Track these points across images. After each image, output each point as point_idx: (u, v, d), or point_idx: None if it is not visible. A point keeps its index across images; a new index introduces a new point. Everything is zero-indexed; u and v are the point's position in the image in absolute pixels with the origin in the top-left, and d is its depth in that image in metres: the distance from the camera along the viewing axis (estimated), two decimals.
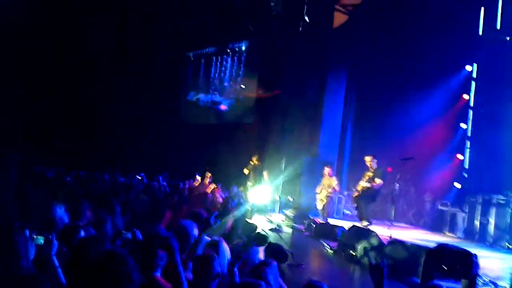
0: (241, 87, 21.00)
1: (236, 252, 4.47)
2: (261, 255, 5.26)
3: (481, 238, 12.67)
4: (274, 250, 6.16)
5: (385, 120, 16.38)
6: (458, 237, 13.43)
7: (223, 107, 21.84)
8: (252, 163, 15.65)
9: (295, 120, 17.20)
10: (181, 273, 3.25)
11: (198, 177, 15.37)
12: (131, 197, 9.85)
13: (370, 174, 10.82)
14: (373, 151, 12.45)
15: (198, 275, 3.90)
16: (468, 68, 16.46)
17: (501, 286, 7.21)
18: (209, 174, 15.43)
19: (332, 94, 17.45)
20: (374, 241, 8.53)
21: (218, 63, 22.30)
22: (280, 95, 17.72)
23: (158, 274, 4.08)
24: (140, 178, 13.65)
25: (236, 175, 16.07)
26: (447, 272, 5.25)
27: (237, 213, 9.58)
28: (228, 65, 21.76)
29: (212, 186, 13.66)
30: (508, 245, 11.71)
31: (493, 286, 6.88)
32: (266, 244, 6.55)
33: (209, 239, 5.35)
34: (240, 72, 21.26)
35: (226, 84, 21.98)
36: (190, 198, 10.44)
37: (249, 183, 15.43)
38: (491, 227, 12.68)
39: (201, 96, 22.91)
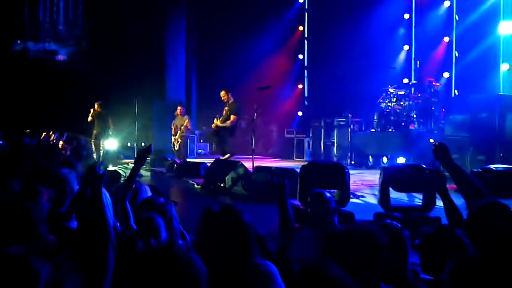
0: (79, 31, 19.04)
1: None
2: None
3: (326, 158, 13.78)
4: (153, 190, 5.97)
5: (229, 55, 16.51)
6: (306, 161, 14.33)
7: (61, 57, 19.28)
8: (95, 110, 14.74)
9: (138, 63, 16.53)
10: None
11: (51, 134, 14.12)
12: None
13: (226, 109, 10.90)
14: (222, 86, 12.47)
15: None
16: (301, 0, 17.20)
17: (358, 195, 8.00)
18: (51, 133, 14.32)
19: (173, 33, 17.05)
20: (240, 171, 8.75)
21: (48, 2, 19.23)
22: (120, 38, 16.77)
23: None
24: None
25: (82, 125, 15.06)
26: (323, 186, 5.59)
27: (88, 163, 9.07)
28: (61, 4, 19.15)
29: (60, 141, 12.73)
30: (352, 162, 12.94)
31: (352, 195, 7.54)
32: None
33: None
34: (79, 13, 19.04)
35: (61, 28, 19.38)
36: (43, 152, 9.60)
37: (94, 131, 14.62)
38: (334, 147, 13.85)
39: (30, 44, 19.67)
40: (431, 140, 9.68)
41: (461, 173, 3.29)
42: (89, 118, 14.66)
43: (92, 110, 14.58)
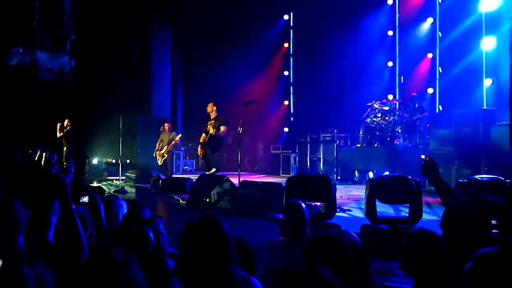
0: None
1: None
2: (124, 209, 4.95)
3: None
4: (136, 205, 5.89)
5: (215, 73, 16.54)
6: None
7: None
8: (64, 126, 14.40)
9: (123, 80, 16.40)
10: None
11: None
12: None
13: (212, 122, 10.79)
14: (208, 103, 12.39)
15: None
16: (286, 17, 17.35)
17: (345, 209, 7.94)
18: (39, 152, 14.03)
19: (159, 51, 17.05)
20: (226, 185, 8.66)
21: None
22: (106, 54, 16.59)
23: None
24: None
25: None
26: (308, 197, 5.54)
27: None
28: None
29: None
30: (338, 177, 12.97)
31: (338, 209, 7.49)
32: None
33: None
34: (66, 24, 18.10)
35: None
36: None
37: (65, 148, 14.37)
38: (321, 163, 13.85)
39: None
40: (422, 156, 9.69)
41: (446, 188, 3.33)
42: (59, 134, 14.33)
43: (59, 125, 14.23)
